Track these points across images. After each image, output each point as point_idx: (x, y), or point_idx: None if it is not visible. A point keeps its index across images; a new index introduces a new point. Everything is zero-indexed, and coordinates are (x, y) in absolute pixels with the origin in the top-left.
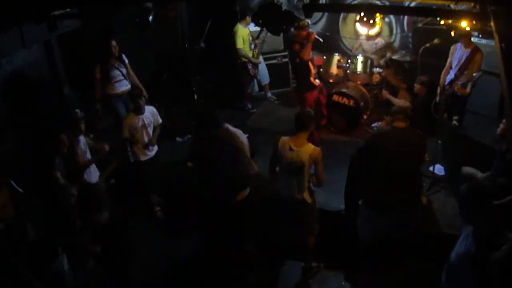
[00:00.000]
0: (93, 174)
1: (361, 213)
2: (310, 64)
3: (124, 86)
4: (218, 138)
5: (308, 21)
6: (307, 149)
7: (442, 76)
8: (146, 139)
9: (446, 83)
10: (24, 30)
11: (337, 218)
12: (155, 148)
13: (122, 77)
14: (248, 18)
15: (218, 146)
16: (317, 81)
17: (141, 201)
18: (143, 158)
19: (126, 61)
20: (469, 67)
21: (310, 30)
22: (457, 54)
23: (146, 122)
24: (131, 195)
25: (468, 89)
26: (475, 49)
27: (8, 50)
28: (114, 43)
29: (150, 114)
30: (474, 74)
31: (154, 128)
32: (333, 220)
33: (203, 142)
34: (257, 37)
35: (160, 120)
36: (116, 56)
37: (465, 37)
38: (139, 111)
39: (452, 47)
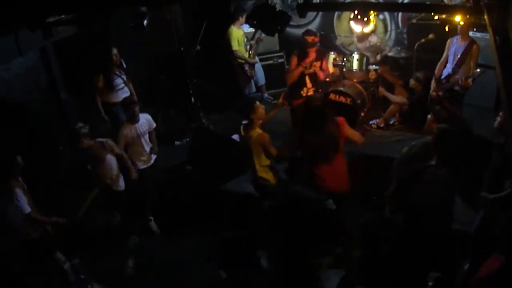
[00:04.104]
0: None
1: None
2: (307, 78)
3: (125, 93)
4: None
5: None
6: (253, 134)
7: (437, 69)
8: (146, 147)
9: (443, 76)
10: (19, 37)
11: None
12: (153, 156)
13: (123, 85)
14: (241, 19)
15: None
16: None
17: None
18: (142, 166)
19: (124, 66)
20: (466, 61)
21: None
22: (453, 47)
23: (142, 131)
24: (129, 203)
25: (470, 82)
26: (472, 42)
27: (4, 57)
28: (115, 51)
29: (146, 121)
30: (477, 70)
31: (150, 133)
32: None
33: None
34: (252, 38)
35: (154, 125)
36: (117, 64)
37: (465, 29)
38: (134, 119)
39: (448, 41)
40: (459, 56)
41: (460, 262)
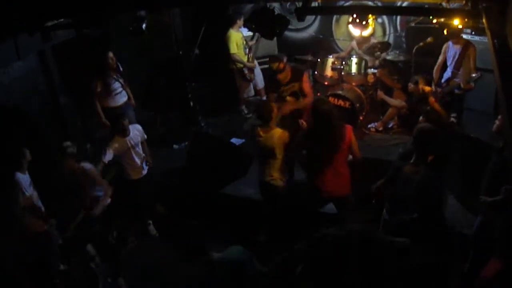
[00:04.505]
0: None
1: None
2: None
3: (124, 97)
4: None
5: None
6: (275, 133)
7: (434, 73)
8: (137, 160)
9: (443, 80)
10: (18, 41)
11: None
12: (145, 166)
13: (121, 89)
14: (240, 22)
15: None
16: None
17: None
18: (135, 177)
19: (121, 69)
20: (464, 62)
21: None
22: (451, 51)
23: (133, 143)
24: (124, 213)
25: (472, 85)
26: (467, 44)
27: (2, 61)
28: (111, 54)
29: (138, 132)
30: (473, 75)
31: (142, 144)
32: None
33: None
34: (252, 39)
35: (145, 136)
36: (113, 68)
37: (453, 35)
38: (124, 133)
39: (444, 45)
40: (456, 59)
41: (460, 265)
